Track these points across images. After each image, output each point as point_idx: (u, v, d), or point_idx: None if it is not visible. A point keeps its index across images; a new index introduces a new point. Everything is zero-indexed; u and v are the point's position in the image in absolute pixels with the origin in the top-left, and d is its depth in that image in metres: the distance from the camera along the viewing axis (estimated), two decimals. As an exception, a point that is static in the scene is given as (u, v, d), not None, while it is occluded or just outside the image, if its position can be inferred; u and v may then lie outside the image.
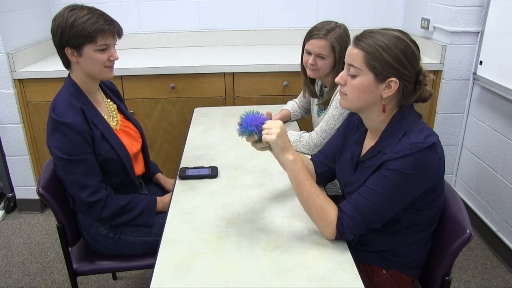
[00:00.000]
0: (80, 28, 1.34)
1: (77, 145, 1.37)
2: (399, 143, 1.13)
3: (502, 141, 2.25)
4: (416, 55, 1.14)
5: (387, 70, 1.11)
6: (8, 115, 2.58)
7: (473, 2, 2.38)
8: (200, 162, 1.66)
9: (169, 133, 2.72)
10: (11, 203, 2.81)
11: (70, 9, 1.38)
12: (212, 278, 1.06)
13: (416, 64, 1.14)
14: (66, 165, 1.40)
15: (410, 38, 1.15)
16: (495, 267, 2.25)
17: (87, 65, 1.42)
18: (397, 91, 1.14)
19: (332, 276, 1.05)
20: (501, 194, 2.27)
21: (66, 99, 1.40)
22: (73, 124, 1.35)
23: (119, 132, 1.57)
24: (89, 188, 1.41)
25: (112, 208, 1.46)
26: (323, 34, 1.68)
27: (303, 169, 1.20)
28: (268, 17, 3.11)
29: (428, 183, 1.15)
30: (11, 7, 2.53)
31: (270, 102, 2.52)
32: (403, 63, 1.11)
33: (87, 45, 1.37)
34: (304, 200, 1.20)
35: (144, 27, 3.11)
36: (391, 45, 1.11)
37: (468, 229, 1.15)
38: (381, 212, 1.15)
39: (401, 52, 1.11)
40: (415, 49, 1.14)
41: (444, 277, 1.21)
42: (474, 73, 2.43)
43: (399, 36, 1.13)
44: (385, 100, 1.15)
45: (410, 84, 1.14)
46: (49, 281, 2.19)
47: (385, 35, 1.13)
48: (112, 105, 1.61)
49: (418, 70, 1.15)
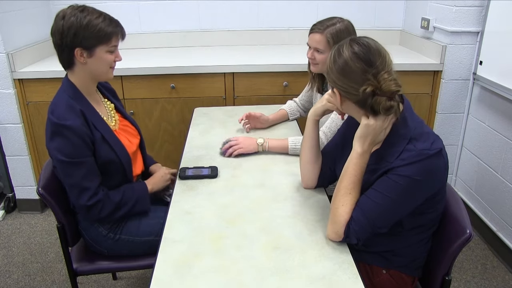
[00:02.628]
0: (97, 29, 1.36)
1: (78, 147, 1.37)
2: (405, 150, 1.13)
3: (502, 141, 2.25)
4: (352, 68, 1.13)
5: (332, 83, 1.20)
6: (8, 115, 2.58)
7: (473, 2, 2.38)
8: (200, 162, 1.66)
9: (169, 133, 2.72)
10: (11, 203, 2.81)
11: (80, 9, 1.38)
12: (212, 278, 1.06)
13: (355, 77, 1.13)
14: (67, 168, 1.40)
15: (353, 50, 1.14)
16: (495, 267, 2.25)
17: (95, 66, 1.42)
18: (346, 100, 1.19)
19: (332, 276, 1.05)
20: (501, 194, 2.27)
21: (65, 102, 1.40)
22: (74, 126, 1.35)
23: (118, 132, 1.57)
24: (89, 191, 1.41)
25: (109, 207, 1.46)
26: (320, 29, 1.73)
27: (360, 165, 1.20)
28: (268, 17, 3.11)
29: (434, 188, 1.16)
30: (11, 7, 2.53)
31: (270, 102, 2.52)
32: (338, 78, 1.17)
33: (100, 46, 1.39)
34: (337, 188, 1.21)
35: (144, 27, 3.11)
36: (336, 59, 1.17)
37: (468, 229, 1.15)
38: (387, 216, 1.15)
39: (337, 67, 1.16)
40: (352, 63, 1.13)
41: (444, 277, 1.21)
42: (474, 73, 2.43)
43: (341, 50, 1.16)
44: (341, 106, 1.23)
45: (353, 95, 1.15)
46: (49, 281, 2.19)
47: (337, 51, 1.19)
48: (109, 105, 1.62)
49: (359, 82, 1.12)
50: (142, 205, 1.54)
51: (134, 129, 1.69)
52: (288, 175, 1.56)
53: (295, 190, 1.47)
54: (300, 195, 1.43)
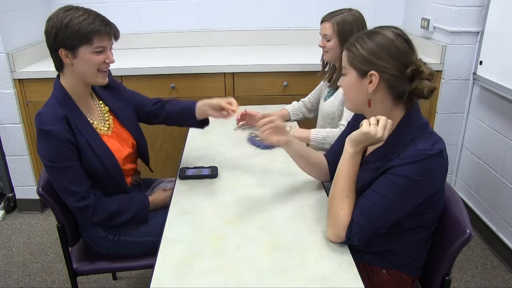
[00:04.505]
0: (76, 28, 1.31)
1: (61, 152, 1.35)
2: (407, 150, 1.13)
3: (502, 141, 2.25)
4: (400, 48, 1.13)
5: (365, 64, 1.14)
6: (8, 115, 2.58)
7: (473, 2, 2.38)
8: (200, 162, 1.66)
9: (169, 133, 2.72)
10: (11, 203, 2.81)
11: (65, 9, 1.35)
12: (212, 278, 1.06)
13: (401, 57, 1.13)
14: (53, 173, 1.39)
15: (398, 32, 1.14)
16: (495, 267, 2.25)
17: (81, 67, 1.38)
18: (381, 84, 1.14)
19: (332, 276, 1.05)
20: (501, 194, 2.27)
21: (52, 106, 1.38)
22: (54, 131, 1.32)
23: (110, 137, 1.53)
24: (77, 194, 1.39)
25: (102, 214, 1.44)
26: (328, 17, 1.83)
27: (354, 166, 1.20)
28: (268, 17, 3.11)
29: (433, 189, 1.15)
30: (11, 7, 2.53)
31: (270, 102, 2.51)
32: (381, 56, 1.12)
33: (82, 46, 1.34)
34: (333, 191, 1.20)
35: (144, 27, 3.11)
36: (368, 39, 1.14)
37: (468, 229, 1.15)
38: (386, 216, 1.15)
39: (378, 45, 1.12)
40: (400, 42, 1.13)
41: (444, 277, 1.21)
42: (474, 73, 2.43)
43: (381, 31, 1.14)
44: (371, 95, 1.16)
45: (394, 78, 1.13)
46: (49, 281, 2.19)
47: (369, 34, 1.15)
48: (104, 107, 1.57)
49: (405, 62, 1.13)
50: (141, 218, 1.54)
51: (129, 134, 1.63)
52: (288, 175, 1.56)
53: (295, 190, 1.46)
54: (300, 195, 1.43)
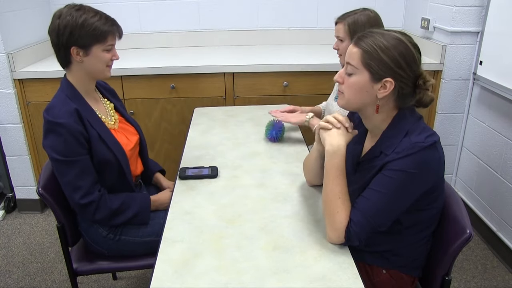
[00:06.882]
0: (92, 27, 1.36)
1: (71, 146, 1.37)
2: (401, 144, 1.13)
3: (502, 141, 2.25)
4: (416, 58, 1.14)
5: (383, 70, 1.12)
6: (8, 115, 2.58)
7: (473, 2, 2.38)
8: (200, 162, 1.66)
9: (169, 133, 2.72)
10: (11, 203, 2.81)
11: (76, 8, 1.38)
12: (212, 278, 1.06)
13: (415, 67, 1.14)
14: (60, 167, 1.40)
15: (411, 41, 1.15)
16: (495, 267, 2.25)
17: (91, 64, 1.42)
18: (393, 92, 1.14)
19: (332, 276, 1.05)
20: (501, 194, 2.27)
21: (62, 100, 1.40)
22: (66, 124, 1.35)
23: (117, 131, 1.57)
24: (82, 189, 1.40)
25: (105, 211, 1.45)
26: (341, 18, 1.76)
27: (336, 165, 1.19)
28: (268, 17, 3.11)
29: (429, 181, 1.15)
30: (11, 7, 2.53)
31: (270, 102, 2.52)
32: (401, 65, 1.11)
33: (96, 44, 1.39)
34: (324, 195, 1.20)
35: (144, 27, 3.11)
36: (390, 46, 1.11)
37: (468, 229, 1.15)
38: (385, 213, 1.15)
39: (400, 54, 1.11)
40: (415, 52, 1.14)
41: (444, 277, 1.21)
42: (474, 73, 2.43)
43: (399, 38, 1.13)
44: (380, 100, 1.16)
45: (407, 87, 1.14)
46: (49, 281, 2.19)
47: (385, 36, 1.13)
48: (109, 104, 1.62)
49: (417, 73, 1.15)
50: (142, 218, 1.54)
51: (134, 128, 1.69)
52: (288, 175, 1.56)
53: (295, 190, 1.47)
54: (300, 195, 1.43)
